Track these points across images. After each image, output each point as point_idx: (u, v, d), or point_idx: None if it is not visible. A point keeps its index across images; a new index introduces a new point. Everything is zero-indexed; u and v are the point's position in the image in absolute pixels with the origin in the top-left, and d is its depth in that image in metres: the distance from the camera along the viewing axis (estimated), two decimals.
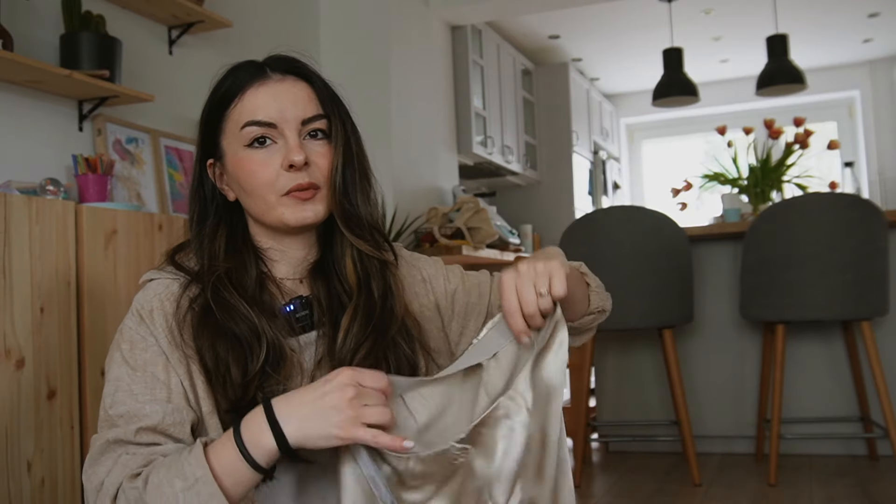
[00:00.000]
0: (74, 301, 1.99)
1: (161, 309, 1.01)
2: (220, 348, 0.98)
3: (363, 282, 1.06)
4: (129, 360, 0.98)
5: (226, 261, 1.04)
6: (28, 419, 1.84)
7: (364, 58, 4.09)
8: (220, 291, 1.01)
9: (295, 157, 1.00)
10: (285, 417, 0.88)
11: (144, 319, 1.00)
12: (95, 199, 2.40)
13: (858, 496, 2.59)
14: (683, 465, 3.05)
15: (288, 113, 1.03)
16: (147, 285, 1.05)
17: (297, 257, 1.09)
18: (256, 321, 0.99)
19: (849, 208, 2.73)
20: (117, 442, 0.94)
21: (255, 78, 1.04)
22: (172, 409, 0.96)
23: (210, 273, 1.02)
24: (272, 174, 1.01)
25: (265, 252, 1.08)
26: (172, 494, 0.87)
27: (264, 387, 0.97)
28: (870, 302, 2.72)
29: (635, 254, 2.87)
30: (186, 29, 3.07)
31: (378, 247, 1.08)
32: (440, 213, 4.02)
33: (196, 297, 1.02)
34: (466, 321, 1.16)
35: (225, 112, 1.05)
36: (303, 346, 1.04)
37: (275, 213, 1.03)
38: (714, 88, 6.92)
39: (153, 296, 1.03)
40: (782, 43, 4.98)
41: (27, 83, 2.45)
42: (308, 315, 1.05)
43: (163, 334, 1.00)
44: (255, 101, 1.02)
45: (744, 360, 3.34)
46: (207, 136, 1.07)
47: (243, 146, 1.03)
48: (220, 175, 1.08)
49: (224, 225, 1.08)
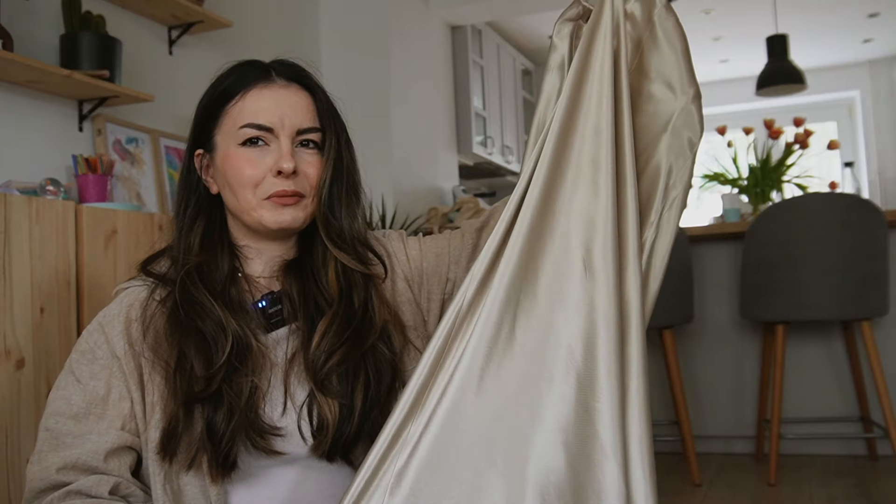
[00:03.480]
0: (74, 301, 1.99)
1: (124, 315, 1.03)
2: (186, 343, 0.99)
3: (345, 292, 1.06)
4: (76, 370, 1.02)
5: (199, 255, 1.05)
6: (28, 419, 1.84)
7: (364, 58, 4.09)
8: (188, 287, 1.02)
9: (285, 164, 1.01)
10: None
11: (103, 327, 1.03)
12: (95, 199, 2.40)
13: (858, 496, 2.59)
14: (683, 465, 3.05)
15: (287, 120, 1.03)
16: (117, 296, 1.07)
17: (273, 256, 1.10)
18: (221, 315, 1.00)
19: (849, 208, 2.73)
20: (42, 492, 0.97)
21: (259, 79, 1.05)
22: (98, 436, 0.99)
23: (181, 267, 1.03)
24: (259, 175, 1.02)
25: (241, 249, 1.09)
26: None
27: (231, 380, 0.98)
28: (870, 302, 2.72)
29: None
30: (186, 29, 3.07)
31: (362, 260, 1.08)
32: (440, 213, 4.02)
33: (165, 297, 1.03)
34: (431, 285, 1.15)
35: (224, 107, 1.05)
36: (275, 342, 1.04)
37: (254, 214, 1.04)
38: (714, 88, 6.92)
39: (118, 304, 1.05)
40: (782, 43, 4.98)
41: (27, 83, 2.45)
42: (280, 311, 1.06)
43: (119, 340, 1.02)
44: (258, 104, 1.03)
45: (744, 360, 3.34)
46: (202, 127, 1.08)
47: (237, 144, 1.03)
48: (206, 167, 1.09)
49: (203, 217, 1.09)
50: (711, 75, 6.95)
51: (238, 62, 1.09)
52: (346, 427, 0.99)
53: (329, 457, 1.01)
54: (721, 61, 6.77)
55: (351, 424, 0.99)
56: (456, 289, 1.09)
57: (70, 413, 1.00)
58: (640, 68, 0.95)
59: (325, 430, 0.99)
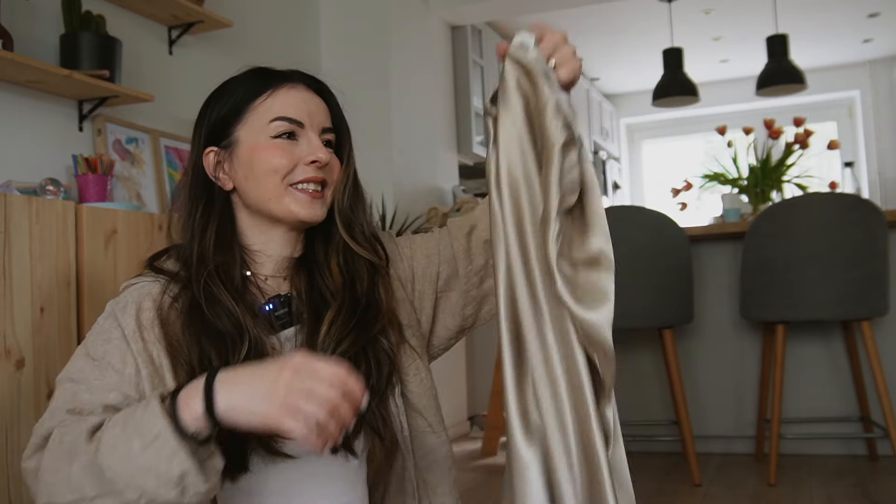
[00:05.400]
0: (74, 301, 1.99)
1: (135, 305, 1.04)
2: (205, 343, 0.99)
3: (349, 282, 1.09)
4: (91, 349, 1.01)
5: (215, 256, 1.06)
6: (28, 419, 1.84)
7: (364, 58, 4.09)
8: (210, 286, 1.03)
9: (321, 154, 1.08)
10: (223, 385, 0.84)
11: (115, 314, 1.03)
12: (95, 199, 2.40)
13: (858, 496, 2.59)
14: (683, 465, 3.05)
15: (314, 118, 1.10)
16: (126, 290, 1.08)
17: (282, 255, 1.12)
18: (241, 318, 1.01)
19: (849, 208, 2.73)
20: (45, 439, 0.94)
21: (286, 81, 1.11)
22: (119, 394, 0.97)
23: (202, 265, 1.04)
24: (291, 163, 1.07)
25: (250, 253, 1.11)
26: (129, 454, 0.82)
27: None
28: (870, 302, 2.72)
29: (635, 254, 2.87)
30: (186, 29, 3.07)
31: (376, 254, 1.14)
32: (440, 213, 4.02)
33: (178, 295, 1.04)
34: (423, 286, 1.18)
35: (250, 104, 1.09)
36: (283, 343, 1.06)
37: (283, 202, 1.07)
38: (714, 88, 6.92)
39: (129, 295, 1.06)
40: (782, 43, 4.98)
41: (27, 83, 2.45)
42: (287, 313, 1.07)
43: (130, 325, 1.01)
44: (288, 100, 1.09)
45: (744, 360, 3.34)
46: (218, 126, 1.10)
47: (268, 136, 1.07)
48: (218, 163, 1.10)
49: (215, 218, 1.10)
50: (711, 75, 6.95)
51: (254, 67, 1.14)
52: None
53: (332, 448, 1.01)
54: (721, 61, 6.77)
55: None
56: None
57: (82, 379, 0.98)
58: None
59: None
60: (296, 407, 0.81)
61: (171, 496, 0.81)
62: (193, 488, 0.82)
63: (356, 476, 1.08)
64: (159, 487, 0.81)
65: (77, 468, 0.86)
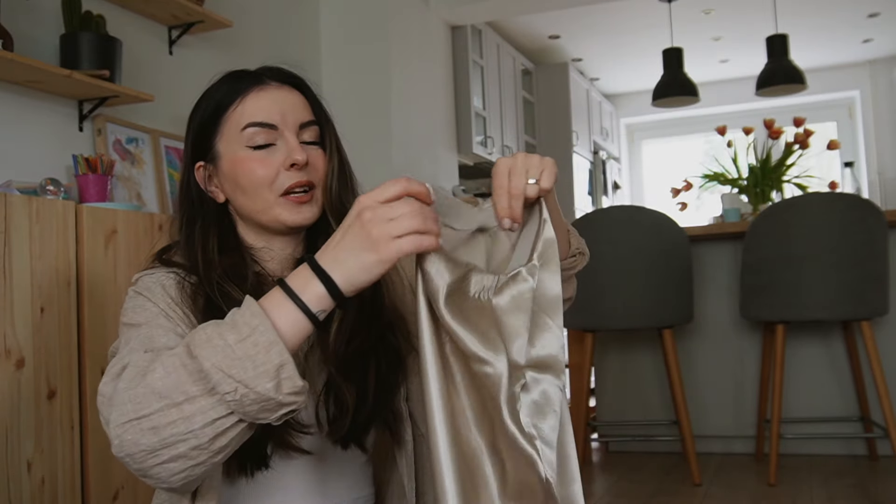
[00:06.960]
0: (74, 301, 1.99)
1: (160, 285, 1.02)
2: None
3: None
4: (133, 322, 0.98)
5: (222, 261, 1.06)
6: (28, 419, 1.84)
7: (364, 58, 4.09)
8: (224, 287, 1.02)
9: (297, 156, 1.04)
10: (328, 263, 0.85)
11: (143, 293, 1.01)
12: (95, 199, 2.40)
13: (858, 496, 2.60)
14: (683, 465, 3.05)
15: (288, 117, 1.06)
16: (139, 281, 1.06)
17: (286, 254, 1.12)
18: None
19: (849, 208, 2.73)
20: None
21: (254, 84, 1.08)
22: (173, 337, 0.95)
23: (209, 270, 1.04)
24: (272, 172, 1.04)
25: (256, 252, 1.10)
26: (225, 346, 0.80)
27: None
28: (870, 302, 2.72)
29: (635, 254, 2.87)
30: (186, 29, 3.07)
31: None
32: None
33: (197, 285, 1.03)
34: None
35: (223, 115, 1.07)
36: None
37: (272, 213, 1.05)
38: (714, 88, 6.92)
39: (148, 280, 1.03)
40: (782, 43, 4.98)
41: (27, 83, 2.45)
42: None
43: (162, 300, 1.00)
44: (257, 104, 1.06)
45: (744, 360, 3.34)
46: (200, 139, 1.09)
47: (243, 146, 1.05)
48: (208, 178, 1.09)
49: (214, 228, 1.09)
50: (711, 75, 6.95)
51: (226, 73, 1.11)
52: (363, 409, 1.02)
53: (344, 443, 1.03)
54: (721, 61, 6.77)
55: (366, 407, 1.02)
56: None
57: (150, 329, 0.97)
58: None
59: (344, 413, 1.01)
60: (392, 235, 0.83)
61: (269, 388, 0.79)
62: (289, 382, 0.81)
63: (363, 474, 1.11)
64: (257, 377, 0.79)
65: (167, 371, 0.83)
